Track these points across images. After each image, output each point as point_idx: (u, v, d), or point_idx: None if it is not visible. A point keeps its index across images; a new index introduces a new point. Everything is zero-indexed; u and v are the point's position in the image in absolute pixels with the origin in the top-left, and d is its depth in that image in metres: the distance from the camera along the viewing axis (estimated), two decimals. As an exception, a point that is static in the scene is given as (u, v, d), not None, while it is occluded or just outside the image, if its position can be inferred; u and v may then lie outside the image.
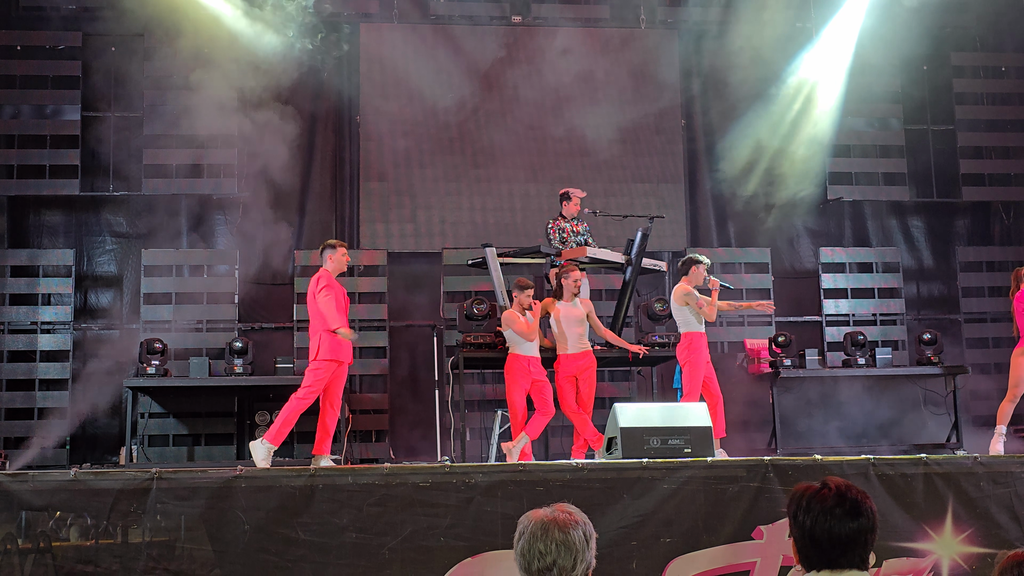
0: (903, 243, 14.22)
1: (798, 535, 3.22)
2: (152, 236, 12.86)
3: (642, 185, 13.65)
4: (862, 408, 12.48)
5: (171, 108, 12.85)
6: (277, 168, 12.65)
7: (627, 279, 10.67)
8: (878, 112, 14.14)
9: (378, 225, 13.15)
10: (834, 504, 3.17)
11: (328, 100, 13.30)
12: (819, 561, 3.19)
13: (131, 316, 12.69)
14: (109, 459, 12.02)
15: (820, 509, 3.17)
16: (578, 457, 9.31)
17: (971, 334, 13.73)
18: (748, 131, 13.56)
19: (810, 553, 3.20)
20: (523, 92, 13.46)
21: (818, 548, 3.17)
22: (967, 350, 13.55)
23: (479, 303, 10.66)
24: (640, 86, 13.79)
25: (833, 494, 3.18)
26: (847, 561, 3.17)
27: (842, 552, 3.16)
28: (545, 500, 4.70)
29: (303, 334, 11.15)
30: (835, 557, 3.17)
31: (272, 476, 6.94)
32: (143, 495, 6.66)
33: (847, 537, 3.15)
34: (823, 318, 13.49)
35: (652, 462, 7.18)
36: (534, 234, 12.56)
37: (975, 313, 13.81)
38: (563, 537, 3.13)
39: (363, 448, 12.34)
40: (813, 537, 3.18)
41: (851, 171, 13.98)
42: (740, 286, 13.16)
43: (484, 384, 12.23)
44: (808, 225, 14.10)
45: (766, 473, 7.10)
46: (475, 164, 13.45)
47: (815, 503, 3.19)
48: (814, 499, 3.20)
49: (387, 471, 6.96)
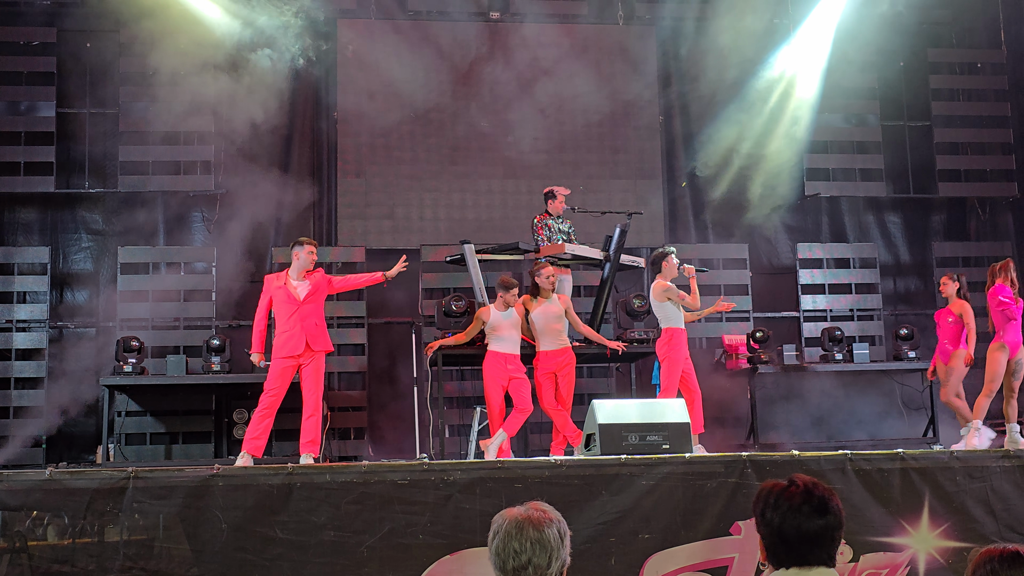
0: (880, 239, 14.29)
1: (766, 533, 3.23)
2: (128, 233, 12.80)
3: (620, 181, 13.67)
4: (840, 403, 12.54)
5: (147, 104, 12.79)
6: (254, 164, 12.62)
7: (605, 276, 10.69)
8: (855, 108, 14.20)
9: (356, 221, 13.13)
10: (801, 501, 3.18)
11: (306, 96, 13.27)
12: (787, 559, 3.20)
13: (107, 314, 12.62)
14: (86, 458, 11.96)
15: (788, 507, 3.19)
16: (557, 454, 9.32)
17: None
18: (726, 127, 13.60)
19: (778, 551, 3.21)
20: (501, 88, 13.46)
21: (786, 545, 3.19)
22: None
23: (457, 300, 10.66)
24: (618, 82, 13.81)
25: (800, 491, 3.20)
26: (815, 558, 3.18)
27: (810, 549, 3.17)
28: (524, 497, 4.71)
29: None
30: (803, 554, 3.18)
31: (249, 475, 6.93)
32: (120, 494, 6.63)
33: (815, 534, 3.17)
34: (800, 314, 13.55)
35: (630, 458, 7.20)
36: (513, 230, 12.57)
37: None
38: (537, 535, 3.13)
39: (341, 445, 12.33)
40: (781, 535, 3.19)
41: (828, 167, 14.04)
42: (718, 282, 13.19)
43: (463, 381, 12.23)
44: (786, 221, 14.15)
45: (744, 469, 7.13)
46: (453, 160, 13.44)
47: (782, 501, 3.20)
48: (781, 497, 3.21)
49: (365, 469, 6.95)
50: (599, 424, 7.81)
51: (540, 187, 12.04)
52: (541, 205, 11.28)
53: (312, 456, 8.63)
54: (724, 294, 13.14)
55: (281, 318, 8.82)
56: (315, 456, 8.67)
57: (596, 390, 12.47)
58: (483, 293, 10.25)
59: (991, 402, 9.52)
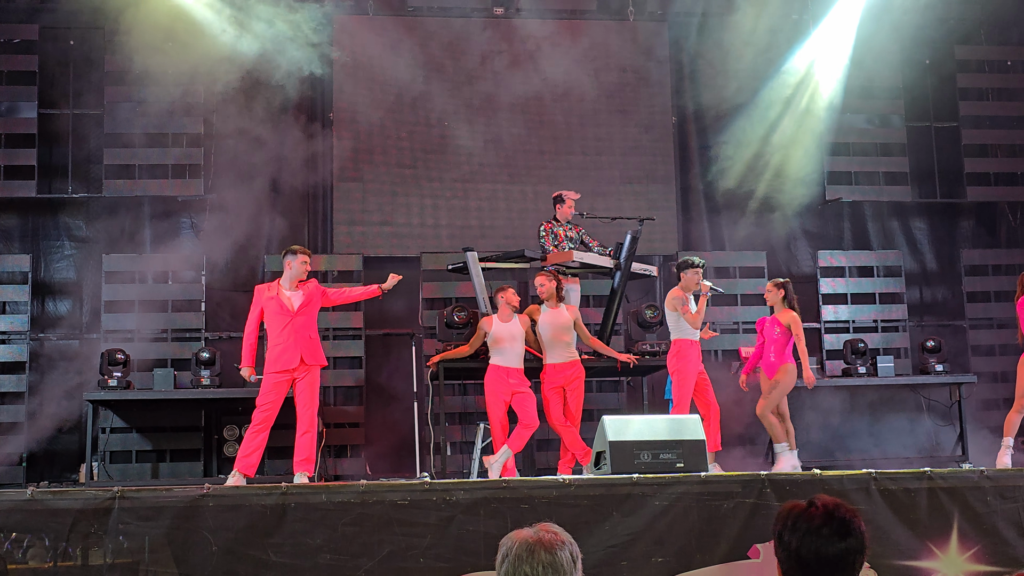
0: (905, 246, 14.27)
1: (784, 556, 3.22)
2: (114, 240, 12.80)
3: (631, 186, 13.67)
4: (863, 420, 12.52)
5: (134, 105, 12.81)
6: (246, 168, 12.64)
7: (616, 285, 10.69)
8: (879, 108, 14.20)
9: (353, 228, 13.13)
10: (822, 523, 3.17)
11: (300, 96, 13.26)
12: None
13: (91, 325, 12.63)
14: (68, 477, 11.96)
15: (807, 529, 3.18)
16: (565, 472, 9.32)
17: (977, 341, 13.79)
18: (742, 129, 13.60)
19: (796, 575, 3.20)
20: (506, 88, 13.46)
21: (805, 570, 3.18)
22: (972, 358, 13.61)
23: (459, 311, 10.67)
24: (628, 81, 13.82)
25: (821, 513, 3.19)
26: None
27: (830, 573, 3.16)
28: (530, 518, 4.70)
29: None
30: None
31: (241, 494, 6.93)
32: (104, 515, 6.63)
33: (835, 558, 3.16)
34: (822, 325, 13.53)
35: (643, 477, 7.19)
36: (518, 237, 12.57)
37: (981, 319, 13.89)
38: (550, 559, 3.13)
39: (337, 464, 12.32)
40: (800, 558, 3.18)
41: (850, 170, 14.04)
42: (735, 291, 13.19)
43: (465, 396, 12.23)
44: (806, 227, 14.14)
45: (762, 489, 7.12)
46: (456, 163, 13.45)
47: (802, 522, 3.19)
48: (801, 518, 3.20)
49: (363, 488, 6.95)
50: (609, 441, 7.80)
51: (546, 191, 12.06)
52: (547, 210, 11.29)
53: (307, 475, 8.63)
54: (741, 303, 13.15)
55: (273, 330, 8.85)
56: (310, 475, 8.68)
57: (606, 405, 12.45)
58: (486, 303, 10.25)
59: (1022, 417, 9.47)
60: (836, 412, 12.54)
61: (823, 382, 12.25)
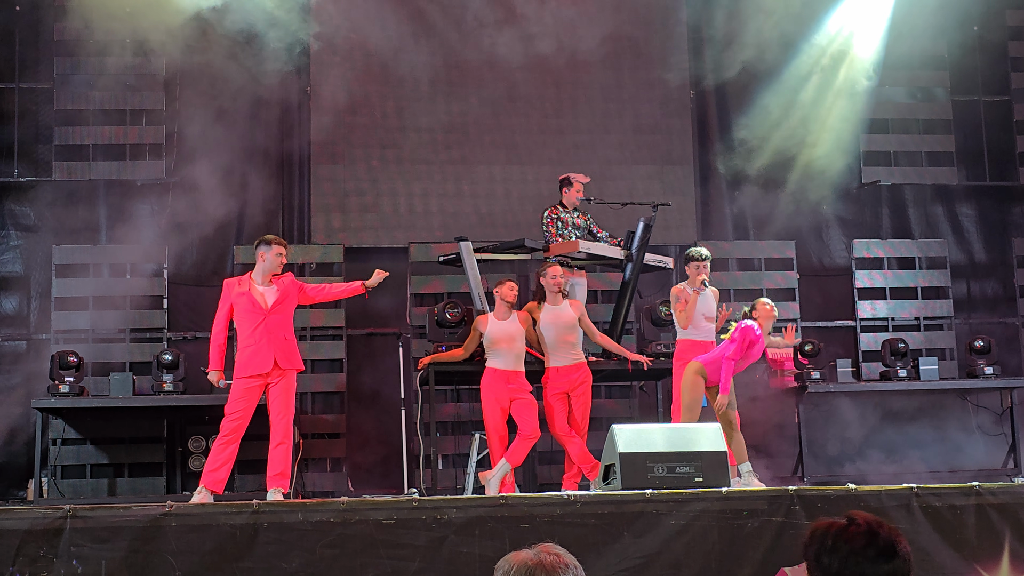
0: (951, 234, 14.25)
1: None
2: (65, 230, 12.77)
3: (644, 167, 13.65)
4: (903, 428, 12.52)
5: (87, 78, 12.79)
6: (213, 149, 12.60)
7: (627, 278, 10.68)
8: (921, 80, 14.19)
9: (333, 215, 13.12)
10: (864, 543, 3.15)
11: (273, 69, 13.20)
12: None
13: (40, 324, 12.61)
14: (15, 494, 11.96)
15: (848, 550, 3.16)
16: (570, 488, 9.31)
17: (1031, 341, 13.82)
18: (769, 104, 13.58)
19: None
20: (504, 59, 13.41)
21: None
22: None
23: (452, 307, 10.66)
24: (642, 51, 13.79)
25: (863, 531, 3.17)
26: None
27: None
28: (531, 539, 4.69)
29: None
30: None
31: (208, 513, 6.92)
32: (55, 537, 6.62)
33: None
34: (857, 323, 13.53)
35: (657, 493, 7.18)
36: (517, 225, 12.57)
37: (1035, 316, 13.91)
38: (551, 583, 3.12)
39: (316, 479, 12.32)
40: None
41: (889, 150, 14.03)
42: (759, 285, 13.18)
43: (459, 403, 12.21)
44: (839, 213, 14.12)
45: (791, 506, 7.12)
46: (447, 143, 13.43)
47: (842, 543, 3.17)
48: (840, 538, 3.18)
49: (344, 506, 6.94)
50: (620, 453, 7.79)
51: (548, 174, 12.06)
52: (551, 195, 11.27)
53: (281, 492, 8.63)
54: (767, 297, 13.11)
55: (244, 330, 8.84)
56: (285, 491, 8.68)
57: (616, 413, 12.45)
58: (483, 299, 10.25)
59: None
60: (873, 420, 12.53)
61: (858, 387, 12.25)
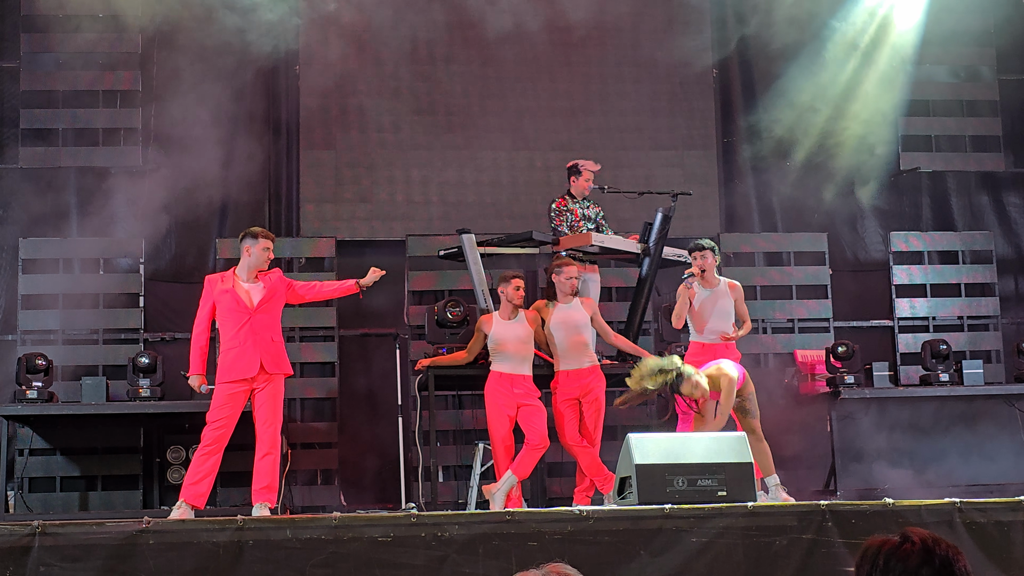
0: (997, 225, 14.25)
1: None
2: (32, 221, 12.79)
3: (663, 153, 13.66)
4: (945, 438, 12.51)
5: (56, 56, 12.81)
6: (193, 134, 12.61)
7: (644, 273, 10.68)
8: (964, 58, 14.18)
9: (323, 205, 13.14)
10: (920, 562, 3.15)
11: (259, 46, 13.21)
12: None
13: (6, 324, 12.63)
14: (-22, 509, 11.99)
15: (902, 570, 3.16)
16: (582, 503, 9.32)
17: (1085, 342, 13.79)
18: (799, 84, 13.57)
19: None
20: (510, 35, 13.43)
21: None
22: (1080, 363, 13.60)
23: (453, 306, 10.67)
24: (660, 26, 13.79)
25: (919, 550, 3.17)
26: None
27: None
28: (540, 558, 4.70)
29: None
30: None
31: (188, 530, 6.93)
32: (22, 555, 6.63)
33: None
34: (895, 322, 13.53)
35: (676, 509, 7.19)
36: (524, 216, 12.58)
37: (1090, 315, 13.90)
38: (561, 605, 3.14)
39: (306, 492, 12.33)
40: None
41: (930, 134, 14.03)
42: (787, 281, 13.18)
43: (461, 409, 12.23)
44: (875, 203, 14.11)
45: (823, 522, 7.12)
46: (448, 127, 13.45)
47: (895, 562, 3.17)
48: (894, 556, 3.18)
49: (336, 522, 6.95)
50: (636, 465, 7.80)
51: (558, 161, 12.05)
52: (561, 183, 11.28)
53: (268, 507, 8.64)
54: (797, 296, 13.16)
55: (228, 330, 8.84)
56: (272, 506, 8.69)
57: (632, 421, 12.43)
58: (487, 297, 10.25)
59: None
60: (912, 429, 12.52)
61: (896, 392, 12.24)
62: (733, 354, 9.62)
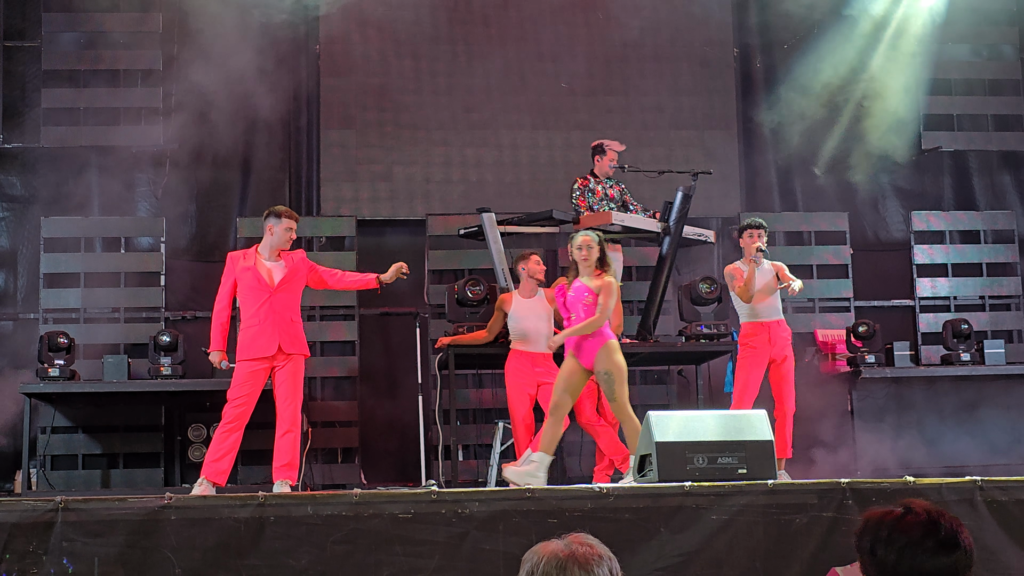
0: (1020, 205, 14.19)
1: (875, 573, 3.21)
2: (54, 200, 12.84)
3: (684, 132, 13.63)
4: (966, 417, 12.47)
5: (78, 36, 12.83)
6: (214, 113, 12.62)
7: (664, 252, 10.67)
8: (987, 36, 14.11)
9: (343, 184, 13.14)
10: (923, 534, 3.16)
11: (280, 25, 13.21)
12: None
13: (28, 303, 12.69)
14: (2, 486, 12.04)
15: (906, 541, 3.16)
16: (602, 481, 9.32)
17: (1108, 322, 13.74)
18: (819, 62, 13.52)
19: None
20: (530, 14, 13.41)
21: None
22: (1104, 342, 13.57)
23: (473, 285, 10.67)
24: (681, 5, 13.73)
25: (922, 521, 3.17)
26: None
27: None
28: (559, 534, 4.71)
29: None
30: None
31: (210, 506, 6.94)
32: (45, 531, 6.65)
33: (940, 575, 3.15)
34: (916, 302, 13.49)
35: (696, 486, 7.17)
36: (544, 195, 12.55)
37: (1114, 295, 13.83)
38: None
39: (326, 470, 12.36)
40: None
41: (952, 113, 13.97)
42: (808, 261, 13.15)
43: (481, 388, 12.24)
44: (897, 183, 14.07)
45: (843, 500, 7.10)
46: (468, 106, 13.42)
47: (898, 534, 3.18)
48: (897, 528, 3.18)
49: (357, 499, 6.95)
50: (656, 443, 7.79)
51: (578, 140, 12.06)
52: (581, 163, 11.26)
53: (289, 484, 8.66)
54: (818, 276, 13.12)
55: (248, 307, 8.84)
56: (292, 484, 8.71)
57: (652, 400, 12.44)
58: (507, 276, 10.26)
59: None
60: (933, 408, 12.48)
61: (917, 372, 12.22)
62: (784, 331, 9.80)
